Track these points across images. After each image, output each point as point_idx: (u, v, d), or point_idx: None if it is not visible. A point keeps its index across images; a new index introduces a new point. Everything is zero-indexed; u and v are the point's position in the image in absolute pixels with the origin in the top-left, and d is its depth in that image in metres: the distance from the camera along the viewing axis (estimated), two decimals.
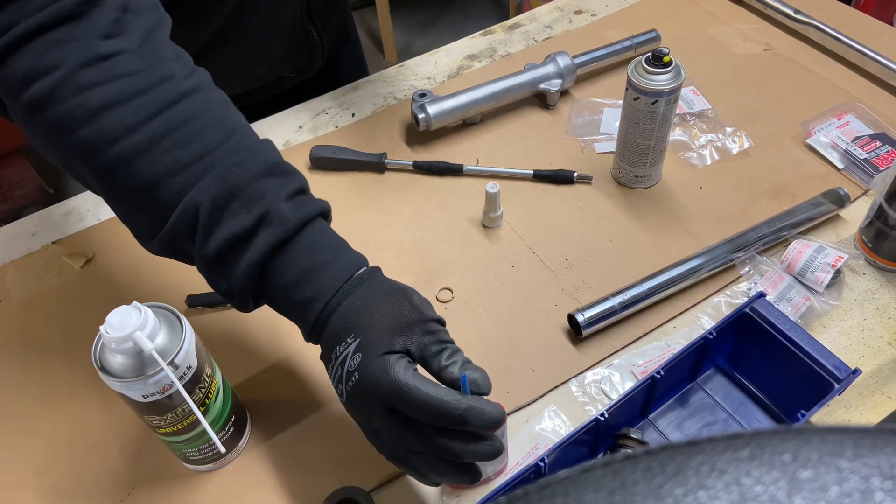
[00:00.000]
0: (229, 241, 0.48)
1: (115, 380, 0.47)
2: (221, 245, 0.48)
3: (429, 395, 0.44)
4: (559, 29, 1.02)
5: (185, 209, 0.48)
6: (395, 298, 0.49)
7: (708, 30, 0.99)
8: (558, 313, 0.67)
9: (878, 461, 0.15)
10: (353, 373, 0.47)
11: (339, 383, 0.48)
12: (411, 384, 0.44)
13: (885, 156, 0.77)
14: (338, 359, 0.48)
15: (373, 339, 0.47)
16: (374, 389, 0.45)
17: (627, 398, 0.55)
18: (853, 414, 0.59)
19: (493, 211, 0.74)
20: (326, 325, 0.49)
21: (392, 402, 0.45)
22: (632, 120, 0.72)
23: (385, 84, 0.95)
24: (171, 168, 0.48)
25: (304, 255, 0.49)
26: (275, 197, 0.49)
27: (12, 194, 1.91)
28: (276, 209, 0.49)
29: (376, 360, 0.46)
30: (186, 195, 0.48)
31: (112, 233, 0.78)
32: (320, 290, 0.49)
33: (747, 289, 0.68)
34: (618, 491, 0.16)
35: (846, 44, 0.90)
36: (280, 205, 0.49)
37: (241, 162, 0.49)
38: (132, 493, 0.58)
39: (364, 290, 0.49)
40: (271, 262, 0.49)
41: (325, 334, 0.49)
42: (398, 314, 0.48)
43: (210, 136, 0.49)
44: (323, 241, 0.51)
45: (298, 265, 0.49)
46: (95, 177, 0.50)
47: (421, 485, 0.57)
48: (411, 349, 0.47)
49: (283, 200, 0.49)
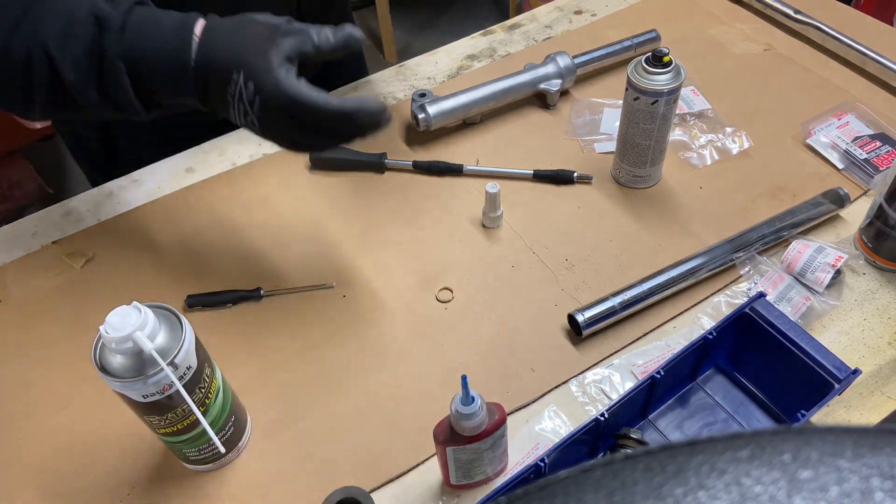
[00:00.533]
0: (84, 56, 0.53)
1: (115, 380, 0.47)
2: (81, 62, 0.53)
3: (318, 102, 0.52)
4: (559, 29, 1.02)
5: (36, 58, 0.53)
6: (244, 24, 0.55)
7: (708, 30, 0.99)
8: (558, 313, 0.67)
9: (878, 461, 0.15)
10: (254, 99, 0.53)
11: (246, 116, 0.54)
12: (304, 94, 0.52)
13: (884, 156, 0.77)
14: (234, 97, 0.54)
15: (254, 64, 0.52)
16: (276, 106, 0.52)
17: (627, 398, 0.55)
18: (853, 414, 0.59)
19: (493, 211, 0.74)
20: (208, 76, 0.54)
21: (293, 112, 0.53)
22: (632, 120, 0.72)
23: (385, 84, 0.95)
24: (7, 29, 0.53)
25: (149, 26, 0.54)
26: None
27: (12, 194, 1.91)
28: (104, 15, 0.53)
29: (267, 80, 0.52)
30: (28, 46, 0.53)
31: (112, 233, 0.78)
32: (181, 40, 0.54)
33: (747, 289, 0.68)
34: (618, 491, 0.16)
35: (846, 44, 0.90)
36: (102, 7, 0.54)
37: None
38: (132, 493, 0.58)
39: (218, 30, 0.55)
40: (123, 44, 0.53)
41: (208, 87, 0.54)
42: (258, 34, 0.54)
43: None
44: (154, 14, 0.56)
45: (153, 31, 0.54)
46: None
47: (421, 485, 0.57)
48: (290, 56, 0.53)
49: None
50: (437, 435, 0.51)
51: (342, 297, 0.70)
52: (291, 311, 0.69)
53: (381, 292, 0.70)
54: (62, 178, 2.09)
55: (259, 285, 0.71)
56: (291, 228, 0.77)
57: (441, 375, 0.64)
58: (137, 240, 0.77)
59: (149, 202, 0.81)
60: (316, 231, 0.77)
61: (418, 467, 0.58)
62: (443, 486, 0.57)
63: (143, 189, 0.83)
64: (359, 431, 0.61)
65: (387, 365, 0.65)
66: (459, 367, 0.64)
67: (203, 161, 0.86)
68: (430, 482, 0.57)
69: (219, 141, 0.87)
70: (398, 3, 2.53)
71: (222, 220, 0.78)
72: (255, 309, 0.70)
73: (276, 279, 0.72)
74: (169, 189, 0.82)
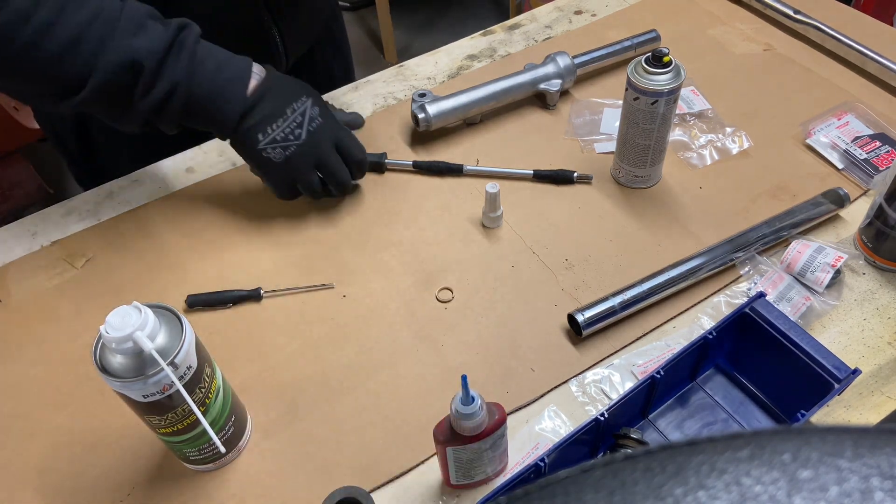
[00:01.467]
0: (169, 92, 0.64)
1: (115, 380, 0.47)
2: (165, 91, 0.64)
3: (358, 144, 0.74)
4: (559, 29, 1.02)
5: (124, 60, 0.61)
6: (301, 81, 0.73)
7: (708, 30, 0.99)
8: (558, 313, 0.67)
9: (877, 461, 0.15)
10: (317, 118, 0.70)
11: (297, 128, 0.69)
12: (351, 133, 0.74)
13: (884, 156, 0.77)
14: (297, 110, 0.69)
15: (319, 101, 0.71)
16: (330, 129, 0.71)
17: (627, 398, 0.55)
18: (853, 414, 0.59)
19: (493, 211, 0.74)
20: (269, 89, 0.67)
21: (337, 138, 0.72)
22: (632, 120, 0.72)
23: (385, 84, 0.95)
24: (78, 33, 0.59)
25: (209, 54, 0.66)
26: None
27: (12, 194, 1.91)
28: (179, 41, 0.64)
29: (331, 114, 0.72)
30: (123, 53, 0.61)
31: (112, 233, 0.78)
32: (247, 66, 0.68)
33: (747, 289, 0.68)
34: (618, 491, 0.16)
35: (846, 44, 0.90)
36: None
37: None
38: (132, 492, 0.58)
39: (280, 74, 0.71)
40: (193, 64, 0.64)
41: (268, 98, 0.67)
42: (317, 93, 0.72)
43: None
44: (209, 46, 0.67)
45: (218, 54, 0.67)
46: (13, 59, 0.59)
47: (421, 484, 0.57)
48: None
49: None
50: (437, 435, 0.51)
51: (342, 297, 0.70)
52: (291, 311, 0.69)
53: (381, 292, 0.70)
54: (62, 178, 2.09)
55: (259, 285, 0.71)
56: (291, 228, 0.77)
57: (441, 375, 0.64)
58: (137, 240, 0.77)
59: (149, 202, 0.81)
60: (316, 231, 0.77)
61: (418, 467, 0.58)
62: (443, 486, 0.57)
63: (143, 189, 0.83)
64: (359, 431, 0.61)
65: (387, 365, 0.65)
66: (459, 367, 0.64)
67: (203, 161, 0.86)
68: (430, 482, 0.58)
69: (218, 141, 0.87)
70: (398, 3, 2.53)
71: (222, 220, 0.78)
72: (255, 309, 0.70)
73: (276, 279, 0.72)
74: (169, 189, 0.82)
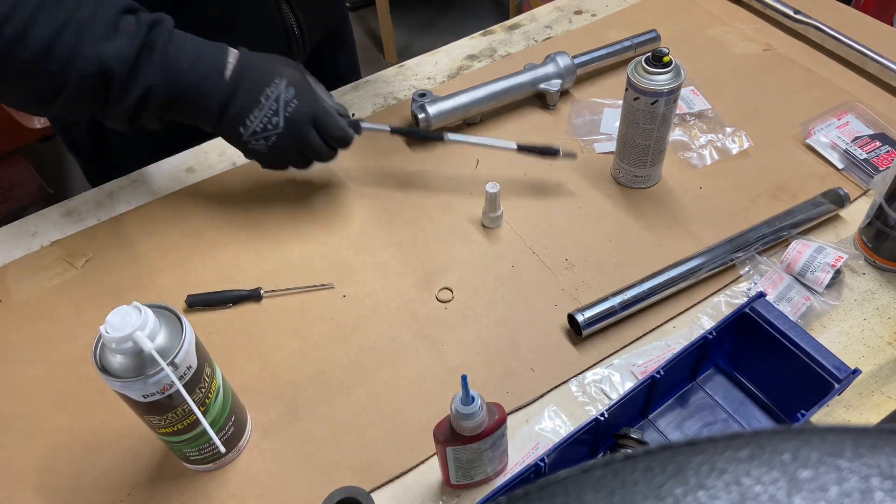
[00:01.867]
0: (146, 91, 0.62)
1: (115, 380, 0.47)
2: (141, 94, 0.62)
3: (336, 119, 0.69)
4: (559, 29, 1.02)
5: (94, 69, 0.59)
6: (276, 56, 0.69)
7: (708, 30, 0.99)
8: (558, 313, 0.67)
9: (877, 461, 0.15)
10: (292, 101, 0.66)
11: (274, 115, 0.66)
12: (328, 108, 0.69)
13: (884, 156, 0.77)
14: (270, 97, 0.66)
15: (294, 78, 0.67)
16: (306, 110, 0.67)
17: (627, 398, 0.55)
18: (853, 414, 0.59)
19: (493, 211, 0.74)
20: (243, 78, 0.65)
21: (314, 117, 0.68)
22: (632, 120, 0.72)
23: (385, 84, 0.95)
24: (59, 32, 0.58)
25: (181, 51, 0.63)
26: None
27: (12, 194, 1.91)
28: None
29: (306, 90, 0.67)
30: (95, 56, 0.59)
31: (112, 233, 0.78)
32: (222, 54, 0.65)
33: (747, 289, 0.68)
34: (618, 491, 0.16)
35: (846, 44, 0.90)
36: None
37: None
38: (132, 492, 0.58)
39: (253, 55, 0.67)
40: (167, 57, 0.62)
41: (243, 87, 0.65)
42: (293, 64, 0.69)
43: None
44: (181, 41, 0.64)
45: (191, 49, 0.64)
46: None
47: (421, 484, 0.57)
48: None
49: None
50: (437, 435, 0.51)
51: (342, 297, 0.70)
52: (291, 311, 0.69)
53: (380, 292, 0.70)
54: (62, 178, 2.09)
55: (259, 285, 0.71)
56: (291, 228, 0.77)
57: (441, 375, 0.64)
58: (137, 240, 0.77)
59: (149, 202, 0.81)
60: (316, 231, 0.77)
61: (418, 467, 0.58)
62: (443, 486, 0.57)
63: (143, 189, 0.83)
64: (359, 431, 0.61)
65: (387, 365, 0.65)
66: (459, 367, 0.64)
67: (203, 161, 0.86)
68: (430, 482, 0.58)
69: (219, 141, 0.87)
70: (398, 3, 2.53)
71: (222, 220, 0.78)
72: (255, 309, 0.70)
73: (276, 279, 0.72)
74: (169, 189, 0.82)
